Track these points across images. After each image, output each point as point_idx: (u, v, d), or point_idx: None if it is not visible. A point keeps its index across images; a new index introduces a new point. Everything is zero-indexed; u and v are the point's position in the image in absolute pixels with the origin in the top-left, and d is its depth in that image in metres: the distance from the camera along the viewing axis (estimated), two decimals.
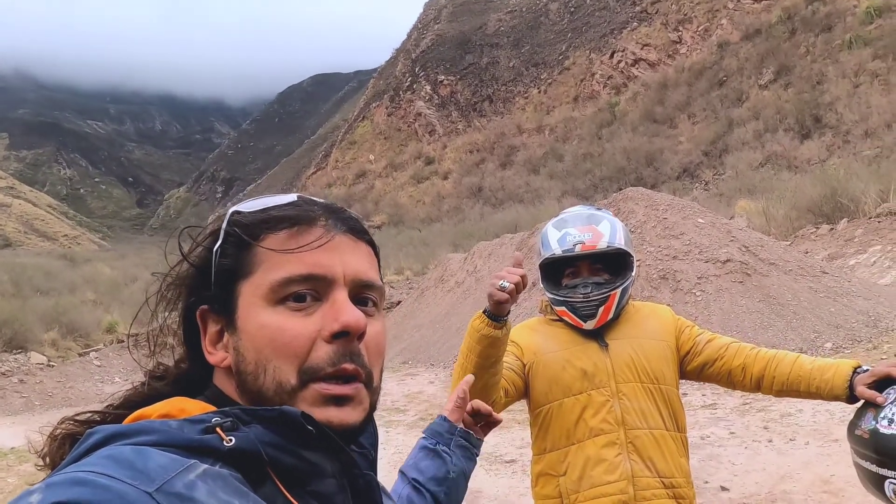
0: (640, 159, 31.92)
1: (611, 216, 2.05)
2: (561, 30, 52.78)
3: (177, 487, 0.58)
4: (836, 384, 1.75)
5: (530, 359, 2.01)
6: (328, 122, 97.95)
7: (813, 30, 31.78)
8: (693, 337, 2.04)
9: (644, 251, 9.33)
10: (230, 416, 0.67)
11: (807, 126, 26.26)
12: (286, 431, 0.67)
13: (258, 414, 0.68)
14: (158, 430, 0.64)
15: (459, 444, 1.24)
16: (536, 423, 2.02)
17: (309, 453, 0.69)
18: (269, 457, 0.66)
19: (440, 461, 1.21)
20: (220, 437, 0.65)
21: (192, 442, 0.64)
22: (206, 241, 0.78)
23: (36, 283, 23.22)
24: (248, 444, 0.65)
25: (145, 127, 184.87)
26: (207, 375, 0.78)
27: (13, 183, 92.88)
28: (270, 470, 0.67)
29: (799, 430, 5.57)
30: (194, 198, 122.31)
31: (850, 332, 7.95)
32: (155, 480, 0.58)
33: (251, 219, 0.75)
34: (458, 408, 1.28)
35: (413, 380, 10.28)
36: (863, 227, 12.58)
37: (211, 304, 0.76)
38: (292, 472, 0.68)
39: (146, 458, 0.60)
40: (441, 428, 1.26)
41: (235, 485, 0.63)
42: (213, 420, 0.66)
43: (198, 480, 0.60)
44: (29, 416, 9.96)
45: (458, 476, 1.21)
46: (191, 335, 0.79)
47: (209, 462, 0.63)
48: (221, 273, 0.75)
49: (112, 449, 0.61)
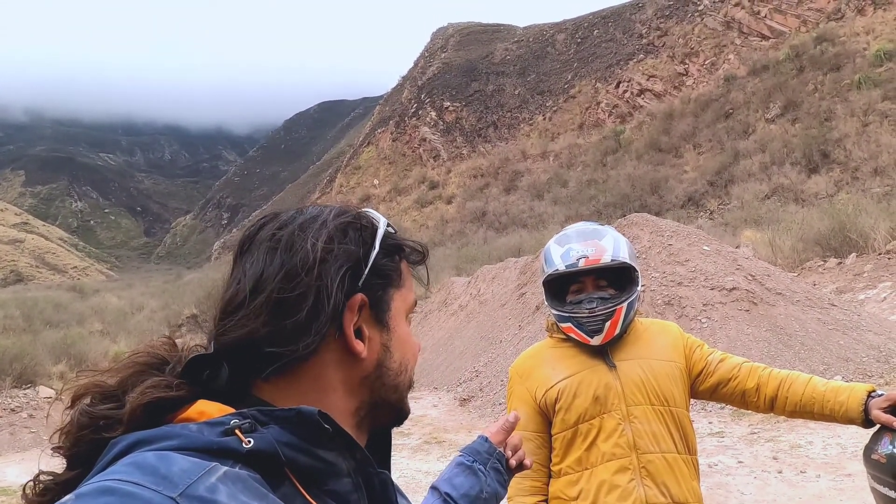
0: (644, 187, 31.94)
1: (614, 231, 2.02)
2: (567, 59, 53.33)
3: (199, 491, 0.60)
4: (851, 407, 1.72)
5: (542, 395, 1.98)
6: (334, 148, 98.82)
7: (821, 69, 32.01)
8: (705, 356, 2.00)
9: (649, 276, 9.24)
10: (248, 417, 0.69)
11: (814, 161, 26.27)
12: (302, 431, 0.69)
13: (275, 414, 0.70)
14: (179, 434, 0.66)
15: (495, 466, 1.23)
16: (551, 447, 2.00)
17: (325, 452, 0.71)
18: (286, 457, 0.68)
19: (475, 479, 1.20)
20: (239, 439, 0.67)
21: (212, 445, 0.66)
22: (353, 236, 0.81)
23: (46, 315, 23.71)
24: (267, 445, 0.67)
25: (155, 157, 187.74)
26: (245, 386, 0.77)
27: (27, 218, 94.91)
28: (288, 470, 0.69)
29: (810, 462, 5.41)
30: (200, 225, 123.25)
31: (860, 366, 7.80)
32: (178, 485, 0.60)
33: (396, 241, 0.85)
34: (503, 430, 1.28)
35: (417, 403, 10.12)
36: (872, 263, 12.49)
37: (370, 295, 0.80)
38: (309, 471, 0.70)
39: (169, 463, 0.62)
40: (481, 447, 1.24)
41: (255, 486, 0.65)
42: (231, 422, 0.68)
43: (219, 483, 0.62)
44: (38, 451, 9.85)
45: (490, 498, 1.20)
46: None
47: (229, 464, 0.65)
48: (381, 272, 0.81)
49: (136, 456, 0.64)
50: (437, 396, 10.40)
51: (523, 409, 1.99)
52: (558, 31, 58.23)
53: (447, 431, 8.19)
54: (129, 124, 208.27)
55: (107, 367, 0.77)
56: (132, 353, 0.77)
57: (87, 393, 0.74)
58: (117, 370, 0.76)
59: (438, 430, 8.25)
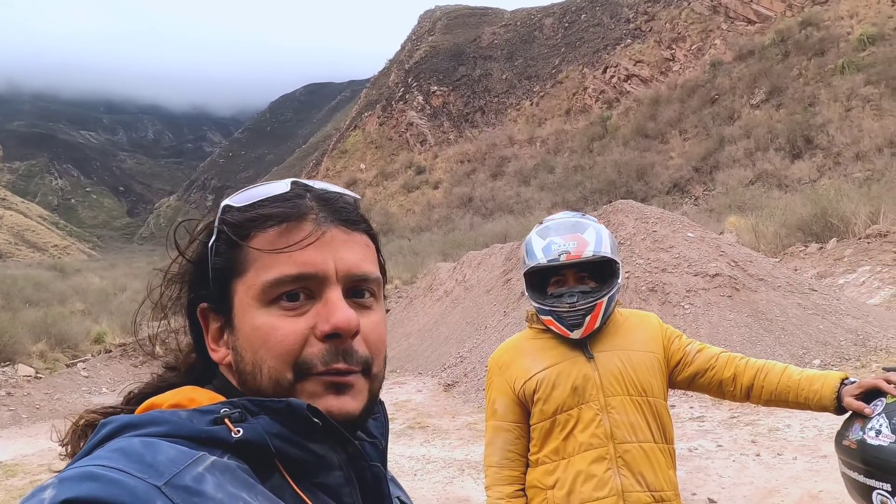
0: (630, 173, 32.07)
1: (596, 223, 2.02)
2: (555, 44, 53.17)
3: (185, 481, 0.59)
4: (825, 395, 1.76)
5: (520, 386, 1.99)
6: (320, 132, 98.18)
7: (806, 53, 32.16)
8: (683, 347, 2.03)
9: (633, 263, 9.30)
10: (238, 406, 0.67)
11: (798, 146, 26.49)
12: (293, 423, 0.67)
13: (266, 405, 0.67)
14: (168, 420, 0.65)
15: None
16: (529, 437, 2.02)
17: (315, 445, 0.68)
18: (276, 448, 0.66)
19: None
20: (229, 429, 0.65)
21: (201, 433, 0.64)
22: (202, 235, 0.76)
23: (26, 294, 23.41)
24: (256, 436, 0.65)
25: (138, 136, 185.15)
26: (215, 365, 0.77)
27: (5, 194, 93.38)
28: (278, 461, 0.67)
29: (787, 444, 5.52)
30: (185, 206, 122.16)
31: (838, 349, 7.92)
32: (164, 474, 0.58)
33: (240, 217, 0.73)
34: None
35: (401, 388, 10.17)
36: (852, 248, 12.63)
37: (210, 301, 0.75)
38: (299, 463, 0.68)
39: (155, 451, 0.60)
40: None
41: (243, 477, 0.63)
42: (221, 411, 0.66)
43: (206, 473, 0.60)
44: (16, 429, 9.74)
45: None
46: (196, 328, 0.78)
47: (217, 453, 0.63)
48: (216, 271, 0.74)
49: (123, 441, 0.62)
50: (422, 381, 10.45)
51: (502, 400, 2.02)
52: (546, 14, 57.99)
53: (431, 416, 8.24)
54: (109, 102, 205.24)
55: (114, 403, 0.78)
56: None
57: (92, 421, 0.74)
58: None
59: (422, 415, 8.30)
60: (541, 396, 1.95)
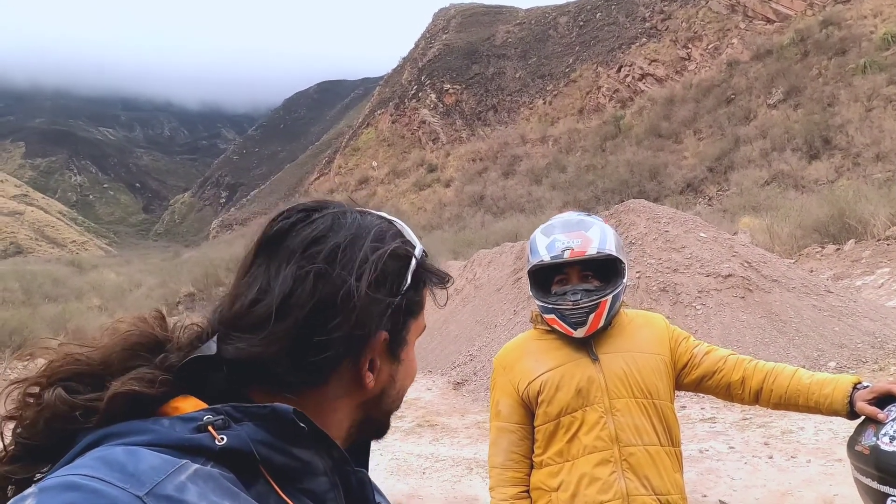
0: (643, 173, 31.82)
1: (601, 221, 2.00)
2: (569, 43, 52.93)
3: (167, 490, 0.58)
4: (836, 399, 1.73)
5: (524, 387, 1.98)
6: (333, 129, 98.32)
7: (826, 53, 31.71)
8: (690, 349, 2.00)
9: (644, 263, 9.20)
10: (222, 413, 0.66)
11: (815, 147, 26.12)
12: (278, 429, 0.67)
13: (250, 411, 0.67)
14: (150, 429, 0.64)
15: None
16: (534, 438, 2.01)
17: (300, 451, 0.69)
18: (260, 455, 0.66)
19: None
20: (212, 436, 0.64)
21: (184, 441, 0.63)
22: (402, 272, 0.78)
23: (45, 290, 23.85)
24: (240, 443, 0.65)
25: (154, 133, 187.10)
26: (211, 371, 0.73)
27: (27, 191, 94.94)
28: (262, 468, 0.67)
29: (801, 447, 5.42)
30: (199, 203, 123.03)
31: (854, 352, 7.79)
32: (146, 483, 0.58)
33: (428, 270, 0.82)
34: None
35: (410, 387, 10.14)
36: (871, 249, 12.45)
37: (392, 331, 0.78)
38: (284, 470, 0.68)
39: (137, 460, 0.60)
40: None
41: (227, 485, 0.63)
42: (204, 418, 0.65)
43: (188, 482, 0.60)
44: None
45: None
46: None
47: (201, 461, 0.63)
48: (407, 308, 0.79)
49: (104, 450, 0.61)
50: (431, 380, 10.41)
51: (506, 401, 2.00)
52: (561, 13, 57.74)
53: (440, 415, 8.20)
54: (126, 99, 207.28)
55: (93, 339, 0.72)
56: (126, 332, 0.72)
57: (68, 369, 0.68)
58: (105, 347, 0.71)
59: (431, 414, 8.27)
60: (545, 398, 1.93)
